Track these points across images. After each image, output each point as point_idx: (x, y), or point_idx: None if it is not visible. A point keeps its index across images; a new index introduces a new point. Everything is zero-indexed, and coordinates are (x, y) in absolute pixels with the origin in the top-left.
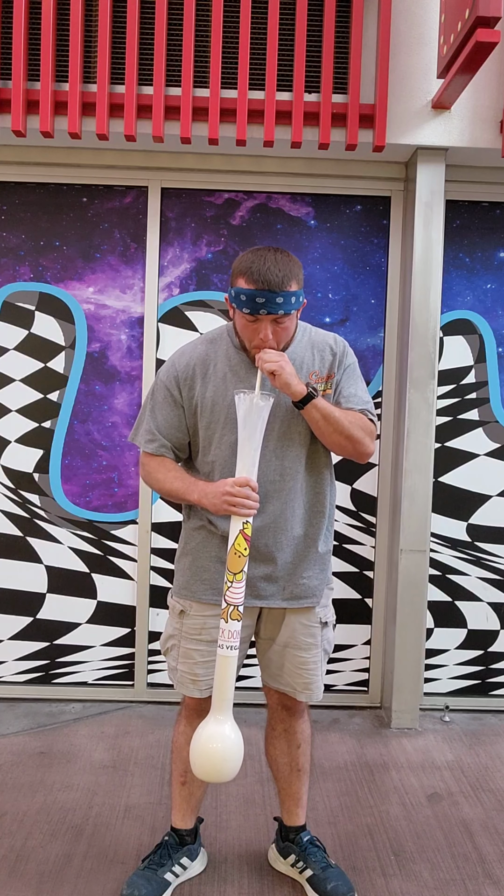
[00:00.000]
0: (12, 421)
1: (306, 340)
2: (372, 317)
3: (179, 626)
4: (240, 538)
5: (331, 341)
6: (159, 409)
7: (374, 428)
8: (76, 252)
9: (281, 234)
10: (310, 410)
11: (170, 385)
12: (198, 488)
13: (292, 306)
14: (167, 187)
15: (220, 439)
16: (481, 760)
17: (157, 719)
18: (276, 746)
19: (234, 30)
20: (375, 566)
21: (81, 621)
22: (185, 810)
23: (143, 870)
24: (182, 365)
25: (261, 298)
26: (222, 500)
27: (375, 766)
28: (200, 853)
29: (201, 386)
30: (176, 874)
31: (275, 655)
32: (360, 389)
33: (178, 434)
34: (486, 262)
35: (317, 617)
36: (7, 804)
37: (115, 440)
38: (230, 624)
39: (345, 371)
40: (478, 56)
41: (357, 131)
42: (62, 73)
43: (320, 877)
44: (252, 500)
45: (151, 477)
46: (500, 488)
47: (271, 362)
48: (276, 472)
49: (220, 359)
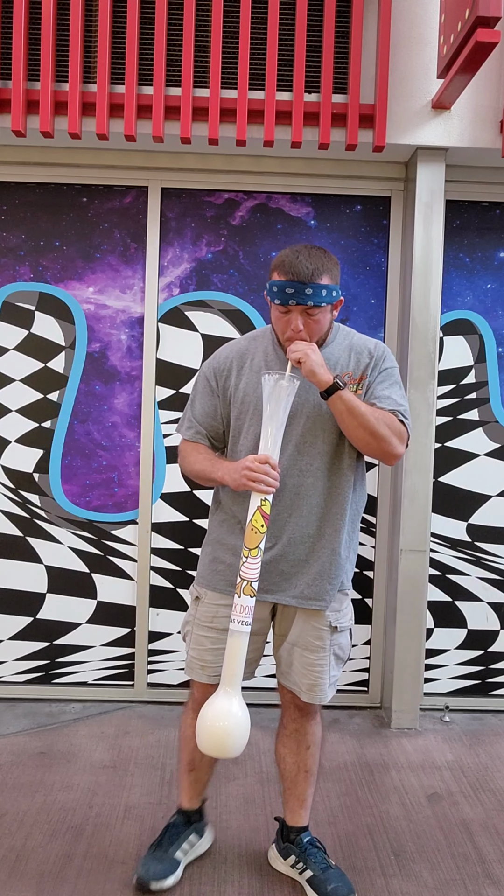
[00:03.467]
0: (12, 421)
1: (346, 343)
2: (372, 317)
3: (194, 612)
4: (257, 514)
5: (370, 346)
6: (199, 398)
7: (405, 431)
8: (76, 252)
9: (281, 234)
10: (335, 401)
11: (209, 375)
12: (222, 466)
13: (322, 299)
14: (167, 187)
15: (248, 430)
16: (481, 760)
17: (157, 719)
18: (285, 745)
19: (234, 30)
20: (375, 566)
21: (81, 621)
22: (192, 793)
23: (154, 851)
24: (222, 357)
25: (290, 289)
26: (242, 474)
27: (375, 766)
28: (206, 830)
29: (236, 377)
30: (185, 851)
31: (285, 653)
32: (395, 393)
33: (214, 423)
34: (486, 262)
35: (327, 621)
36: (7, 804)
37: (115, 440)
38: (243, 599)
39: (380, 374)
40: (478, 56)
41: (357, 131)
42: (62, 73)
43: (320, 878)
44: (271, 476)
45: (185, 460)
46: (500, 488)
47: (297, 351)
48: (295, 467)
49: (258, 354)
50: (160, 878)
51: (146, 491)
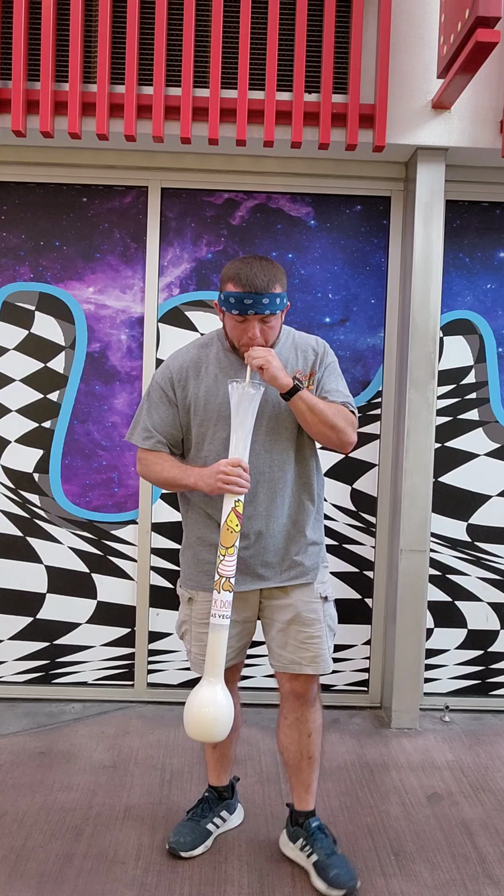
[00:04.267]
0: (12, 421)
1: (290, 342)
2: (372, 317)
3: (189, 612)
4: (232, 515)
5: (312, 343)
6: (155, 408)
7: (355, 419)
8: (76, 252)
9: (281, 234)
10: (296, 402)
11: (164, 386)
12: (193, 472)
13: (277, 307)
14: (167, 187)
15: (213, 435)
16: (481, 760)
17: (157, 719)
18: (287, 735)
19: (234, 30)
20: (375, 566)
21: (81, 621)
22: (218, 770)
23: (187, 821)
24: (176, 367)
25: (248, 300)
26: (216, 478)
27: (375, 766)
28: (238, 808)
29: (194, 386)
30: (216, 825)
31: (279, 635)
32: (340, 385)
33: (173, 431)
34: (486, 262)
35: (316, 592)
36: (7, 804)
37: (115, 440)
38: (222, 595)
39: (325, 369)
40: (478, 56)
41: (357, 131)
42: (62, 73)
43: (325, 863)
44: (244, 479)
45: (149, 469)
46: (500, 488)
47: (259, 357)
48: (265, 464)
49: (211, 361)
50: (190, 847)
51: (146, 491)
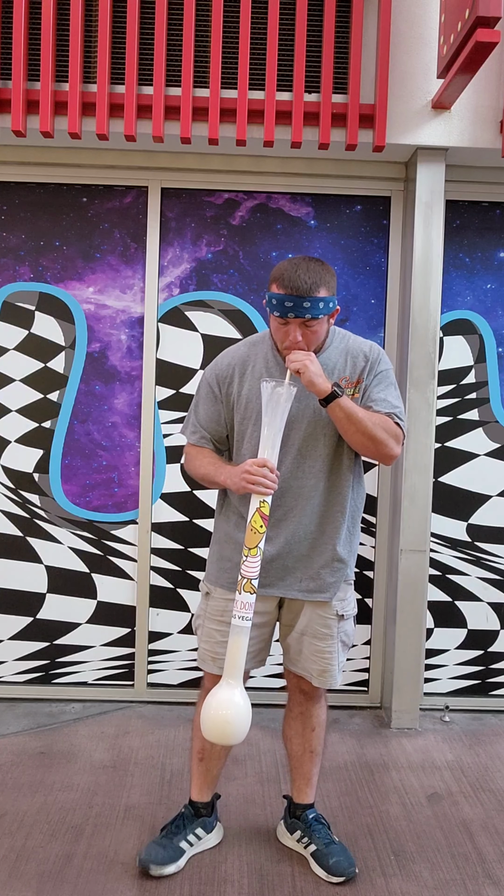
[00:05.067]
0: (12, 421)
1: (342, 347)
2: (372, 317)
3: (205, 606)
4: (256, 515)
5: (366, 349)
6: (202, 404)
7: (401, 432)
8: (76, 252)
9: (281, 235)
10: (334, 408)
11: (211, 382)
12: (225, 470)
13: (320, 311)
14: (167, 187)
15: (251, 434)
16: (481, 760)
17: (157, 719)
18: (291, 727)
19: (234, 30)
20: (375, 566)
21: (81, 621)
22: (201, 784)
23: (160, 838)
24: (224, 364)
25: (289, 303)
26: (241, 477)
27: (375, 766)
28: (216, 827)
29: (238, 384)
30: (190, 843)
31: (293, 642)
32: (390, 395)
33: (217, 427)
34: (486, 262)
35: (333, 610)
36: (7, 804)
37: (115, 440)
38: (243, 596)
39: (376, 377)
40: (478, 56)
41: (357, 131)
42: (62, 73)
43: (323, 852)
44: (269, 479)
45: (191, 464)
46: (500, 488)
47: (296, 361)
48: (298, 469)
49: (258, 360)
50: (161, 863)
51: (146, 491)
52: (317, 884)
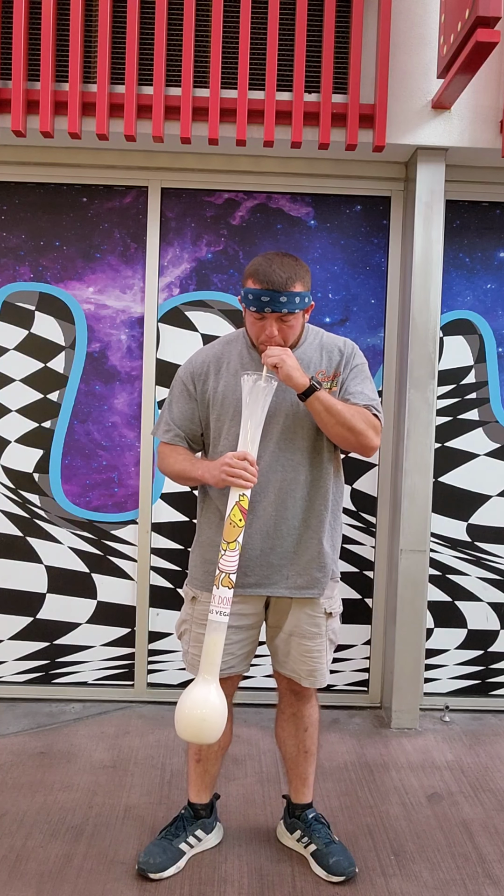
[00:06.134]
0: (12, 421)
1: (317, 343)
2: (372, 317)
3: (191, 611)
4: (236, 509)
5: (340, 343)
6: (176, 402)
7: (379, 423)
8: (76, 252)
9: (281, 234)
10: (312, 402)
11: (186, 380)
12: (202, 465)
13: (296, 306)
14: (167, 187)
15: (228, 430)
16: (481, 760)
17: (157, 719)
18: (284, 729)
19: (234, 30)
20: (375, 566)
21: (81, 621)
22: (199, 786)
23: (160, 840)
24: (198, 362)
25: (266, 297)
26: (221, 470)
27: (375, 766)
28: (216, 827)
29: (214, 381)
30: (191, 845)
31: (281, 643)
32: (366, 388)
33: (192, 426)
34: (486, 262)
35: (321, 608)
36: (7, 804)
37: (115, 440)
38: (221, 590)
39: (351, 370)
40: (478, 56)
41: (357, 131)
42: (62, 73)
43: (323, 851)
44: (249, 472)
45: (164, 462)
46: (500, 488)
47: (274, 356)
48: (277, 463)
49: (233, 357)
50: (160, 868)
51: (146, 491)
52: (317, 884)
